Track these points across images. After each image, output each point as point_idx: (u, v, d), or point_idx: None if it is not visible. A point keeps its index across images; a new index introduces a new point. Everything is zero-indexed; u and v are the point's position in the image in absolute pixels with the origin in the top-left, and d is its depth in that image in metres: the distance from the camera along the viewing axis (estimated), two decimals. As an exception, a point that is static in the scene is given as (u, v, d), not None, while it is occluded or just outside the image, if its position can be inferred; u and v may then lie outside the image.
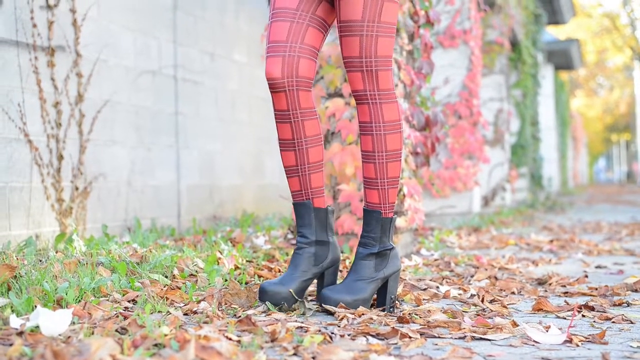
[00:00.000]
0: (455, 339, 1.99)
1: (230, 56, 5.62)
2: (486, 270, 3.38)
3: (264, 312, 2.27)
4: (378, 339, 1.94)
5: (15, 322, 1.84)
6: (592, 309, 2.42)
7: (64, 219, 3.76)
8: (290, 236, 3.97)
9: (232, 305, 2.35)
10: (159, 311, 2.16)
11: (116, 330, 1.88)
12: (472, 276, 3.22)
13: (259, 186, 6.01)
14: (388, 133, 2.34)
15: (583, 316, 2.33)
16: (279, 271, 2.92)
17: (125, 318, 2.01)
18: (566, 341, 1.95)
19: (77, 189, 3.88)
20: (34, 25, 3.61)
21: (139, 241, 3.57)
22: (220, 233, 4.25)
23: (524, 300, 2.66)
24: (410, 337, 1.93)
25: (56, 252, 3.03)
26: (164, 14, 4.80)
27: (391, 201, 2.37)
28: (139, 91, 4.49)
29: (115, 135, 4.28)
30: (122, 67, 4.34)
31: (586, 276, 3.18)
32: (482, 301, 2.51)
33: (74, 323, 1.95)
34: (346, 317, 2.14)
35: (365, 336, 1.94)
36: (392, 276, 2.37)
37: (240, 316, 2.20)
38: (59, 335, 1.79)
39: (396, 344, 1.89)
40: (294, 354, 1.75)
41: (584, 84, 38.96)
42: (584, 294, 2.79)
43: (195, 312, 2.22)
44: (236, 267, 2.95)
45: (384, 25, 2.28)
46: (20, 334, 1.78)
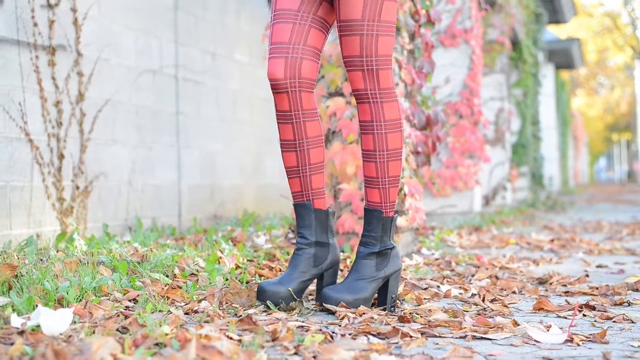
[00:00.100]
0: (456, 338, 1.99)
1: (232, 56, 5.61)
2: (487, 269, 3.38)
3: (264, 311, 2.27)
4: (379, 338, 1.94)
5: (16, 321, 1.84)
6: (593, 308, 2.42)
7: (64, 218, 3.76)
8: (291, 235, 3.97)
9: (233, 305, 2.35)
10: (159, 310, 2.16)
11: (117, 330, 1.88)
12: (472, 275, 3.22)
13: (259, 186, 6.01)
14: (389, 132, 2.34)
15: (584, 315, 2.33)
16: (280, 270, 2.93)
17: (126, 317, 2.02)
18: (567, 340, 1.95)
19: (78, 188, 3.88)
20: (35, 24, 3.61)
21: (139, 240, 3.57)
22: (221, 232, 4.25)
23: (525, 300, 2.66)
24: (411, 337, 1.93)
25: (57, 252, 3.03)
26: (165, 13, 4.80)
27: (392, 200, 2.37)
28: (140, 91, 4.49)
29: (116, 134, 4.28)
30: (123, 66, 4.34)
31: (587, 275, 3.18)
32: (483, 300, 2.51)
33: (75, 322, 1.95)
34: (347, 316, 2.14)
35: (366, 335, 1.94)
36: (393, 275, 2.37)
37: (241, 315, 2.20)
38: (60, 334, 1.79)
39: (397, 343, 1.89)
40: (295, 353, 1.75)
41: (584, 83, 38.96)
42: (584, 294, 2.79)
43: (196, 312, 2.22)
44: (237, 267, 2.95)
45: (384, 24, 2.28)
46: (21, 333, 1.78)
